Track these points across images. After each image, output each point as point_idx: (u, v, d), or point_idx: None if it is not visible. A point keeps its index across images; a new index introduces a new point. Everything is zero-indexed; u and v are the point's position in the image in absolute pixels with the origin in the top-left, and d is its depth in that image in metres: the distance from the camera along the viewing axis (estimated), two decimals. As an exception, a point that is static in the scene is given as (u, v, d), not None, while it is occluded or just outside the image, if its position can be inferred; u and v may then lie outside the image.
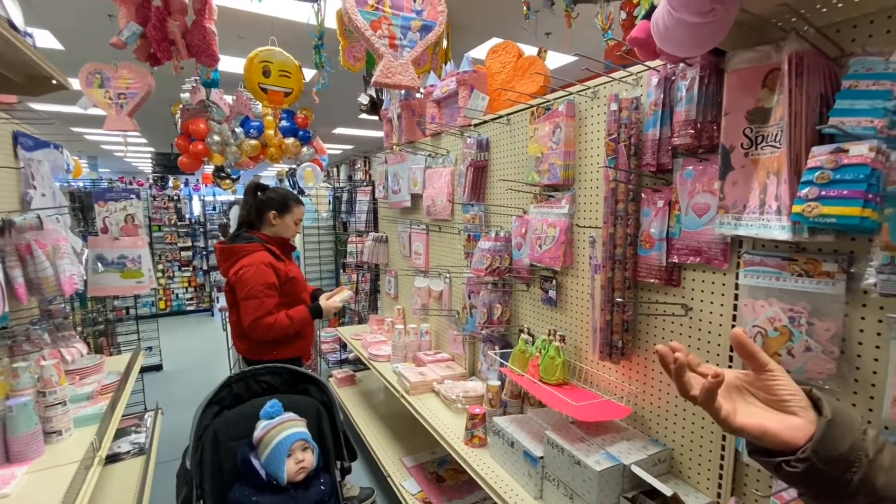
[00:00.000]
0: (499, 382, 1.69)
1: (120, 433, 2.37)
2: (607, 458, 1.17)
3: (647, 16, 0.92)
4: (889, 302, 0.81)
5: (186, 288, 7.05)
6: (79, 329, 3.39)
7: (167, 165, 8.57)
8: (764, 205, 0.90)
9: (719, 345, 1.10)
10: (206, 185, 10.27)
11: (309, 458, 1.38)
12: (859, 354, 0.86)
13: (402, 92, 2.60)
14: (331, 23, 2.84)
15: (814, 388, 0.50)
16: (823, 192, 0.74)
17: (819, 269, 0.88)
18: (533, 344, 1.60)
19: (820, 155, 0.77)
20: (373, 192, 3.59)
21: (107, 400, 1.78)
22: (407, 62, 1.97)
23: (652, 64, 1.14)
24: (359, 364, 3.83)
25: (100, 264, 2.64)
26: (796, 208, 0.78)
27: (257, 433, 1.39)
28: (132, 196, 2.81)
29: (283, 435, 1.37)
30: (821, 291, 0.88)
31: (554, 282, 1.60)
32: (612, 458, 1.16)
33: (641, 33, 0.91)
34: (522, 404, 1.67)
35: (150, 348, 4.60)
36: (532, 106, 1.64)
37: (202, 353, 5.21)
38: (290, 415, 1.44)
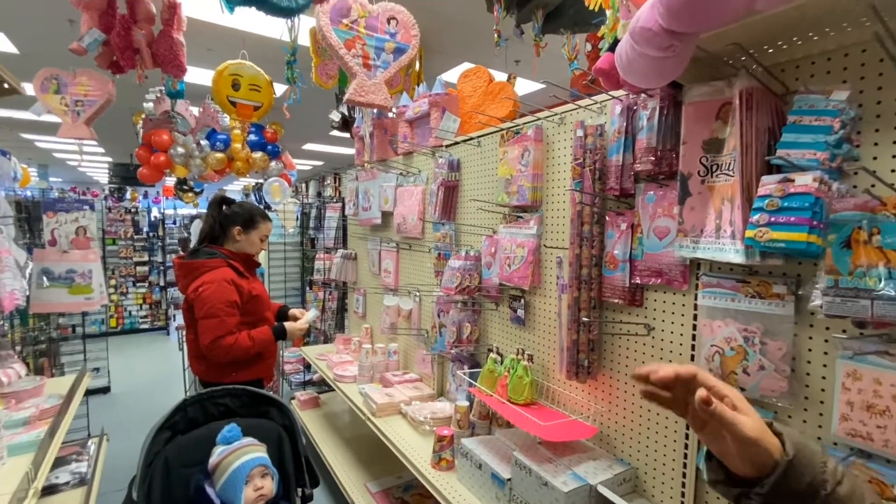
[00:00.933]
0: (467, 403, 1.68)
1: (59, 462, 2.19)
2: (574, 478, 1.17)
3: (612, 48, 0.98)
4: (834, 322, 0.86)
5: (141, 305, 6.69)
6: (18, 348, 3.14)
7: (125, 176, 8.22)
8: (720, 229, 0.95)
9: (680, 363, 1.13)
10: (166, 198, 9.91)
11: (268, 486, 1.31)
12: (808, 373, 0.91)
13: (375, 111, 2.62)
14: (304, 39, 2.84)
15: (774, 421, 0.51)
16: (773, 219, 0.79)
17: (770, 290, 0.93)
18: (502, 363, 1.60)
19: (769, 184, 0.82)
20: (342, 208, 3.56)
21: (45, 426, 1.64)
22: (380, 82, 1.98)
23: (615, 94, 1.20)
24: (323, 385, 3.71)
25: (45, 278, 2.47)
26: (749, 233, 0.83)
27: (213, 459, 1.31)
28: (85, 207, 2.67)
29: (241, 461, 1.30)
30: (772, 312, 0.93)
31: (522, 301, 1.61)
32: (579, 479, 1.16)
33: (606, 64, 0.96)
34: (490, 425, 1.66)
35: (97, 369, 4.31)
36: (502, 129, 1.68)
37: (155, 374, 4.93)
38: (250, 439, 1.37)
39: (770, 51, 0.92)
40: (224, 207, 2.11)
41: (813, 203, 0.76)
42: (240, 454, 1.31)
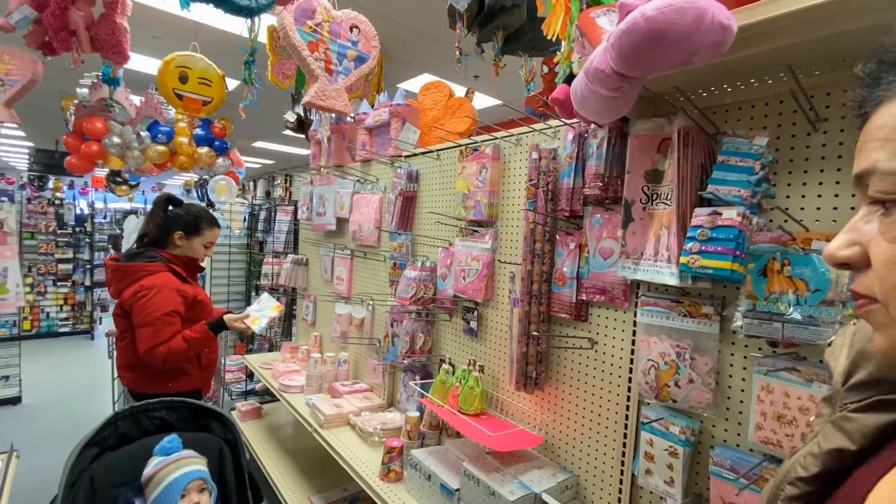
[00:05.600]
0: (418, 413, 1.69)
1: (-44, 483, 1.95)
2: (520, 487, 1.21)
3: (567, 80, 1.04)
4: (752, 341, 0.96)
5: (61, 306, 6.12)
6: None
7: (48, 164, 7.55)
8: (657, 253, 1.03)
9: (620, 377, 1.21)
10: (96, 190, 9.15)
11: (205, 501, 1.25)
12: (730, 386, 1.01)
13: (333, 115, 2.59)
14: (261, 37, 2.76)
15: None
16: (703, 248, 0.88)
17: (700, 311, 1.02)
18: (453, 374, 1.62)
19: (701, 215, 0.91)
20: (295, 211, 3.47)
21: (-55, 442, 1.47)
22: (341, 87, 1.97)
23: (568, 121, 1.27)
24: (266, 395, 3.57)
25: (-50, 276, 2.22)
26: (683, 259, 0.91)
27: (148, 470, 1.23)
28: (3, 199, 2.43)
29: (177, 473, 1.23)
30: (700, 330, 1.02)
31: (475, 313, 1.66)
32: (525, 487, 1.21)
33: (561, 95, 1.02)
34: (440, 435, 1.68)
35: (6, 377, 3.89)
36: (461, 145, 1.72)
37: (76, 383, 4.52)
38: (189, 451, 1.30)
39: (704, 94, 1.02)
40: (169, 208, 2.00)
41: (737, 235, 0.85)
42: (176, 466, 1.24)
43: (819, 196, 0.89)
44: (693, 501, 1.05)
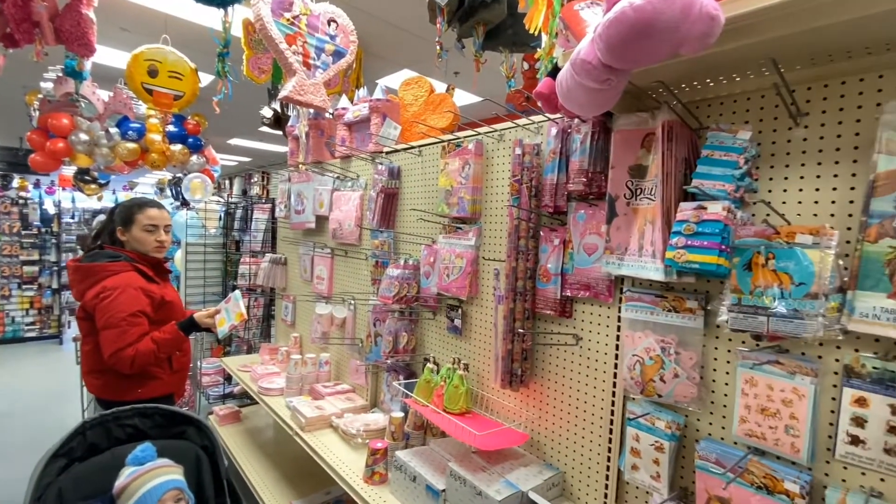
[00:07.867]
0: (402, 414, 1.66)
1: (-89, 499, 1.84)
2: (507, 486, 1.20)
3: (552, 74, 1.03)
4: (736, 335, 0.97)
5: (27, 310, 5.86)
6: None
7: (12, 162, 7.23)
8: (642, 248, 1.03)
9: (605, 372, 1.21)
10: (63, 189, 8.80)
11: (182, 513, 1.20)
12: (714, 380, 1.01)
13: (312, 111, 2.53)
14: (235, 30, 2.68)
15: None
16: (689, 242, 0.88)
17: (684, 305, 1.02)
18: (438, 373, 1.60)
19: (686, 210, 0.90)
20: (272, 210, 3.39)
21: None
22: (319, 82, 1.92)
23: (552, 116, 1.26)
24: (245, 398, 3.49)
25: None
26: (668, 254, 0.91)
27: (120, 481, 1.17)
28: (-41, 198, 2.30)
29: (152, 483, 1.17)
30: (685, 325, 1.02)
31: (459, 311, 1.64)
32: (512, 486, 1.20)
33: (546, 89, 1.00)
34: (425, 435, 1.65)
35: (-34, 385, 3.70)
36: (443, 141, 1.69)
37: (43, 391, 4.33)
38: (164, 460, 1.24)
39: (687, 89, 1.02)
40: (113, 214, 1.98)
41: (722, 229, 0.85)
42: (151, 476, 1.19)
43: (800, 190, 0.90)
44: (679, 496, 1.06)
